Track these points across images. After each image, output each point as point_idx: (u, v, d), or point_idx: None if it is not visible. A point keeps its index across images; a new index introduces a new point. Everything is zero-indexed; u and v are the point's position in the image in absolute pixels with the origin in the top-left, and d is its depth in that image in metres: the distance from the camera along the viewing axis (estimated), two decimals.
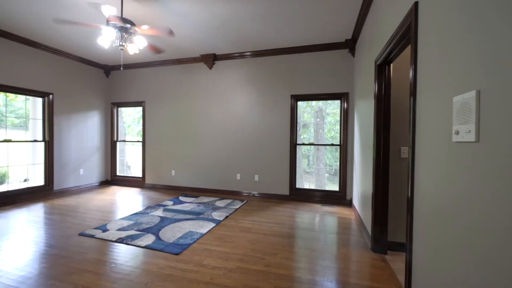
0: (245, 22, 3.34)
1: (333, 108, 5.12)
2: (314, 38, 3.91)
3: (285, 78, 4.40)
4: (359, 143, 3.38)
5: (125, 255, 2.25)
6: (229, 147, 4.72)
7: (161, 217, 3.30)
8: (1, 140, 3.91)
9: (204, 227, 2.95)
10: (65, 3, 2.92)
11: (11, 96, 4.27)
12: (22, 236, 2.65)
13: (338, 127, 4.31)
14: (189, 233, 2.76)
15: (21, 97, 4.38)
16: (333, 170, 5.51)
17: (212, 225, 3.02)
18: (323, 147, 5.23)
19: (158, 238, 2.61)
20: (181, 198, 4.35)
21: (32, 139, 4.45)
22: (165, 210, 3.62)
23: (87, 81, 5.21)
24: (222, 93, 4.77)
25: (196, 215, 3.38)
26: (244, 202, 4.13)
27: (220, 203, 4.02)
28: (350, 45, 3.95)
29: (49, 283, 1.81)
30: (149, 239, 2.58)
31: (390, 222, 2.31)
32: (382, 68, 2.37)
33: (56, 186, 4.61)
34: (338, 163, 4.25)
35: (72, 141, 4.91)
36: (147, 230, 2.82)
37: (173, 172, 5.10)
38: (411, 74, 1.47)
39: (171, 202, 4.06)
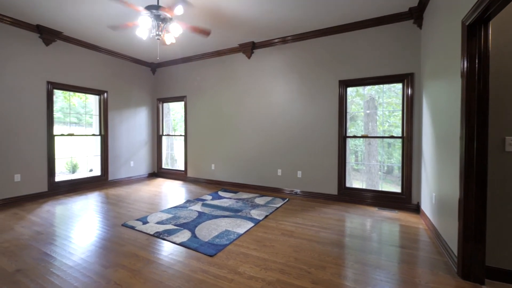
0: None
1: (388, 96, 4.32)
2: (367, 11, 3.27)
3: (332, 62, 3.84)
4: (431, 134, 2.69)
5: (159, 252, 2.14)
6: (270, 140, 4.40)
7: (199, 212, 3.19)
8: (66, 134, 4.36)
9: (241, 226, 2.71)
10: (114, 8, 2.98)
11: (83, 98, 4.76)
12: (75, 223, 2.82)
13: (393, 118, 3.59)
14: (225, 232, 2.55)
15: (91, 97, 4.85)
16: (386, 168, 4.72)
17: (250, 224, 2.76)
18: (375, 141, 4.49)
19: (193, 235, 2.47)
20: (220, 193, 4.22)
21: (91, 134, 4.88)
22: (203, 205, 3.52)
23: (136, 79, 5.51)
24: (261, 83, 4.47)
25: (234, 212, 3.17)
26: (285, 200, 3.78)
27: (259, 200, 3.76)
28: (415, 14, 3.19)
29: (87, 275, 1.79)
30: (184, 235, 2.46)
31: (488, 239, 1.68)
32: (474, 30, 1.72)
33: (111, 176, 4.99)
34: (391, 160, 3.54)
35: (123, 135, 5.25)
36: (184, 226, 2.72)
37: (212, 166, 5.04)
38: None
39: (210, 197, 3.96)
